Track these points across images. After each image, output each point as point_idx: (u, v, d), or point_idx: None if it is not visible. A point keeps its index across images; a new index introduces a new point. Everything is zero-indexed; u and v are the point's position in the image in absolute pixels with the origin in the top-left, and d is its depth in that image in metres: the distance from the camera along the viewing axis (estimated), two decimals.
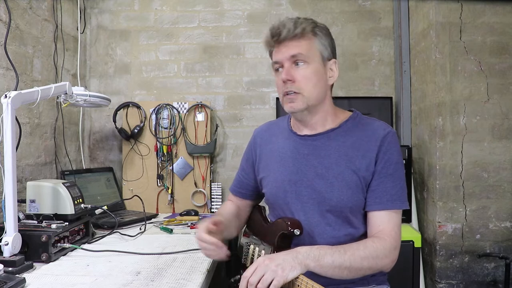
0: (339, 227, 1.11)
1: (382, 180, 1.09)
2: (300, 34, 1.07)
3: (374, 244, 1.04)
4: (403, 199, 1.11)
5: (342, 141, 1.14)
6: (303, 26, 1.07)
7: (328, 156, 1.13)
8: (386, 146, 1.10)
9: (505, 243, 1.95)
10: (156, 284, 1.11)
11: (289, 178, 1.16)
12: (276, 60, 1.12)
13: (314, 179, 1.12)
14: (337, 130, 1.16)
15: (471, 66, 1.95)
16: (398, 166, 1.11)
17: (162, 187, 2.33)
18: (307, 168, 1.14)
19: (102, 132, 2.49)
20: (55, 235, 1.32)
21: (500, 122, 1.95)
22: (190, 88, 2.49)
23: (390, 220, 1.09)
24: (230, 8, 2.49)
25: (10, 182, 1.21)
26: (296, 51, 1.08)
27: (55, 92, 1.47)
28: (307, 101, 1.10)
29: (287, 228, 1.07)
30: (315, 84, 1.09)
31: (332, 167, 1.11)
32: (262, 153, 1.28)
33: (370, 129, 1.14)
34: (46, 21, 2.02)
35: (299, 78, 1.09)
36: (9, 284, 1.02)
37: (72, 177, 2.03)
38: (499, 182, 1.95)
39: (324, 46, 1.11)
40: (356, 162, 1.10)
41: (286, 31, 1.07)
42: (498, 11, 1.94)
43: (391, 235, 1.07)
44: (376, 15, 2.46)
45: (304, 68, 1.09)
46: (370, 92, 2.45)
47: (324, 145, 1.14)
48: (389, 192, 1.09)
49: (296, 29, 1.07)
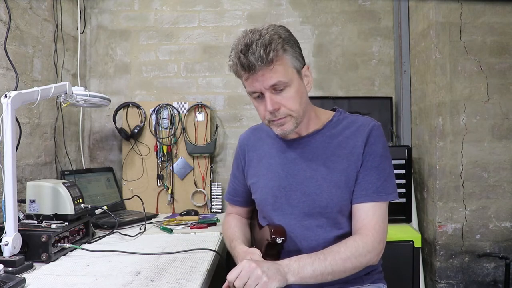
0: (330, 228, 1.11)
1: (367, 173, 1.09)
2: (273, 59, 0.99)
3: (355, 242, 1.03)
4: (389, 191, 1.09)
5: (328, 142, 1.14)
6: (276, 49, 0.98)
7: (316, 158, 1.13)
8: (372, 139, 1.10)
9: (505, 243, 1.95)
10: (156, 284, 1.11)
11: (279, 184, 1.16)
12: (253, 90, 1.04)
13: (303, 182, 1.12)
14: (322, 131, 1.16)
15: (471, 66, 1.95)
16: (383, 158, 1.10)
17: (162, 187, 2.33)
18: (296, 172, 1.14)
19: (102, 132, 2.49)
20: (55, 235, 1.32)
21: (500, 122, 1.95)
22: (190, 88, 2.49)
23: (375, 213, 1.07)
24: (230, 8, 2.49)
25: (10, 182, 1.21)
26: (275, 80, 1.00)
27: (55, 92, 1.47)
28: (296, 120, 1.07)
29: (270, 236, 1.06)
30: (300, 101, 1.06)
31: (320, 168, 1.11)
32: (250, 159, 1.27)
33: (355, 125, 1.14)
34: (46, 21, 2.02)
35: (284, 102, 1.04)
36: (9, 284, 1.02)
37: (72, 177, 2.03)
38: (499, 182, 1.95)
39: (295, 58, 1.05)
40: (343, 160, 1.10)
41: (257, 61, 0.97)
42: (498, 11, 1.94)
43: (375, 229, 1.06)
44: (376, 15, 2.46)
45: (286, 92, 1.03)
46: (370, 92, 2.45)
47: (311, 147, 1.14)
48: (375, 184, 1.08)
49: (268, 56, 0.97)
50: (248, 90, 1.07)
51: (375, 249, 1.05)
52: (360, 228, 1.07)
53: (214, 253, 1.42)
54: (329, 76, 2.46)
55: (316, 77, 2.45)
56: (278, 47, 0.99)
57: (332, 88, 2.46)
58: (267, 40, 0.98)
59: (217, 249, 1.48)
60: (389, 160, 1.13)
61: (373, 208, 1.08)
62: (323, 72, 2.45)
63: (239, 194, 1.36)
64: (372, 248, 1.04)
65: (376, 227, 1.06)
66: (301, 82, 1.08)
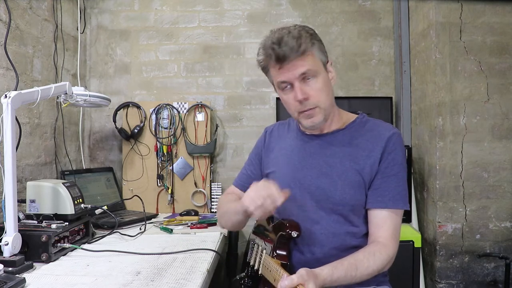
0: (341, 225, 1.13)
1: (385, 180, 1.11)
2: (305, 50, 1.06)
3: (381, 255, 1.05)
4: (405, 200, 1.12)
5: (347, 142, 1.16)
6: (305, 42, 1.06)
7: (333, 155, 1.15)
8: (391, 146, 1.12)
9: (505, 243, 1.95)
10: (156, 284, 1.11)
11: (294, 175, 1.18)
12: (283, 80, 1.09)
13: (319, 177, 1.15)
14: (343, 130, 1.18)
15: (471, 66, 1.95)
16: (401, 167, 1.13)
17: (162, 187, 2.33)
18: (312, 166, 1.16)
19: (102, 132, 2.49)
20: (55, 235, 1.32)
21: (500, 122, 1.95)
22: (190, 88, 2.49)
23: (392, 221, 1.10)
24: (230, 8, 2.49)
25: (10, 182, 1.21)
26: (305, 69, 1.06)
27: (55, 92, 1.47)
28: (324, 112, 1.11)
29: (285, 230, 1.08)
30: (327, 93, 1.11)
31: (337, 166, 1.14)
32: (271, 149, 1.30)
33: (376, 129, 1.16)
34: (46, 21, 2.02)
35: (313, 93, 1.08)
36: (9, 284, 1.02)
37: (72, 177, 2.03)
38: (499, 182, 1.95)
39: (322, 52, 1.11)
40: (360, 162, 1.12)
41: (290, 52, 1.04)
42: (498, 11, 1.94)
43: (394, 239, 1.09)
44: (376, 15, 2.46)
45: (314, 82, 1.08)
46: (370, 92, 2.45)
47: (330, 144, 1.17)
48: (392, 192, 1.10)
49: (300, 47, 1.04)
50: (279, 80, 1.11)
51: (393, 258, 1.09)
52: (380, 237, 1.09)
53: (214, 253, 1.42)
54: None
55: None
56: (307, 40, 1.06)
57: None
58: (296, 34, 1.06)
59: (217, 249, 1.49)
60: (406, 169, 1.15)
61: (390, 215, 1.10)
62: None
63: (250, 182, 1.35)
64: (392, 257, 1.08)
65: (393, 236, 1.09)
66: (327, 76, 1.13)
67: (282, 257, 1.09)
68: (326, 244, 1.12)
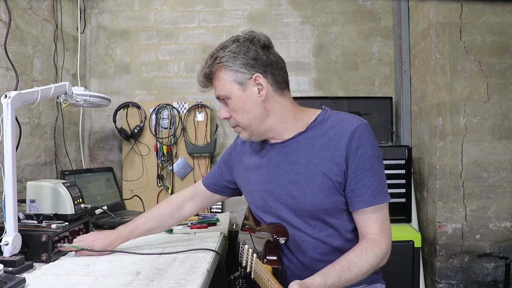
0: (320, 229, 1.12)
1: (360, 178, 1.07)
2: (212, 75, 1.12)
3: (374, 252, 1.03)
4: (384, 193, 1.08)
5: (310, 144, 1.12)
6: (209, 67, 1.12)
7: (298, 161, 1.13)
8: (357, 141, 1.06)
9: (505, 243, 1.95)
10: (156, 284, 1.11)
11: (266, 187, 1.17)
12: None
13: (288, 185, 1.13)
14: (305, 133, 1.14)
15: (471, 66, 1.95)
16: (374, 159, 1.08)
17: (162, 187, 2.33)
18: (280, 175, 1.15)
19: (102, 132, 2.49)
20: (55, 235, 1.32)
21: (500, 122, 1.95)
22: (190, 88, 2.49)
23: (377, 217, 1.07)
24: (230, 8, 2.49)
25: (10, 182, 1.21)
26: (217, 93, 1.15)
27: (55, 92, 1.47)
28: (247, 129, 1.15)
29: (272, 236, 1.05)
30: (242, 113, 1.13)
31: (303, 172, 1.11)
32: (240, 161, 1.30)
33: (338, 125, 1.11)
34: (46, 21, 2.02)
35: (229, 114, 1.15)
36: (9, 284, 1.02)
37: (72, 177, 2.02)
38: (499, 182, 1.95)
39: (236, 71, 1.09)
40: (326, 163, 1.08)
41: (203, 77, 1.15)
42: (498, 11, 1.94)
43: (383, 233, 1.06)
44: (376, 15, 2.46)
45: (230, 103, 1.13)
46: (370, 92, 2.45)
47: (294, 150, 1.14)
48: (369, 188, 1.06)
49: (206, 72, 1.13)
50: None
51: (388, 253, 1.06)
52: (369, 233, 1.07)
53: (214, 253, 1.42)
54: (329, 76, 2.46)
55: (316, 77, 2.45)
56: (213, 65, 1.12)
57: (332, 88, 2.46)
58: (208, 58, 1.13)
59: (217, 249, 1.48)
60: (380, 160, 1.10)
61: (374, 211, 1.07)
62: (323, 72, 2.45)
63: (217, 184, 1.40)
64: (386, 253, 1.05)
65: (383, 230, 1.06)
66: (245, 94, 1.11)
67: (272, 262, 1.06)
68: (309, 250, 1.11)
